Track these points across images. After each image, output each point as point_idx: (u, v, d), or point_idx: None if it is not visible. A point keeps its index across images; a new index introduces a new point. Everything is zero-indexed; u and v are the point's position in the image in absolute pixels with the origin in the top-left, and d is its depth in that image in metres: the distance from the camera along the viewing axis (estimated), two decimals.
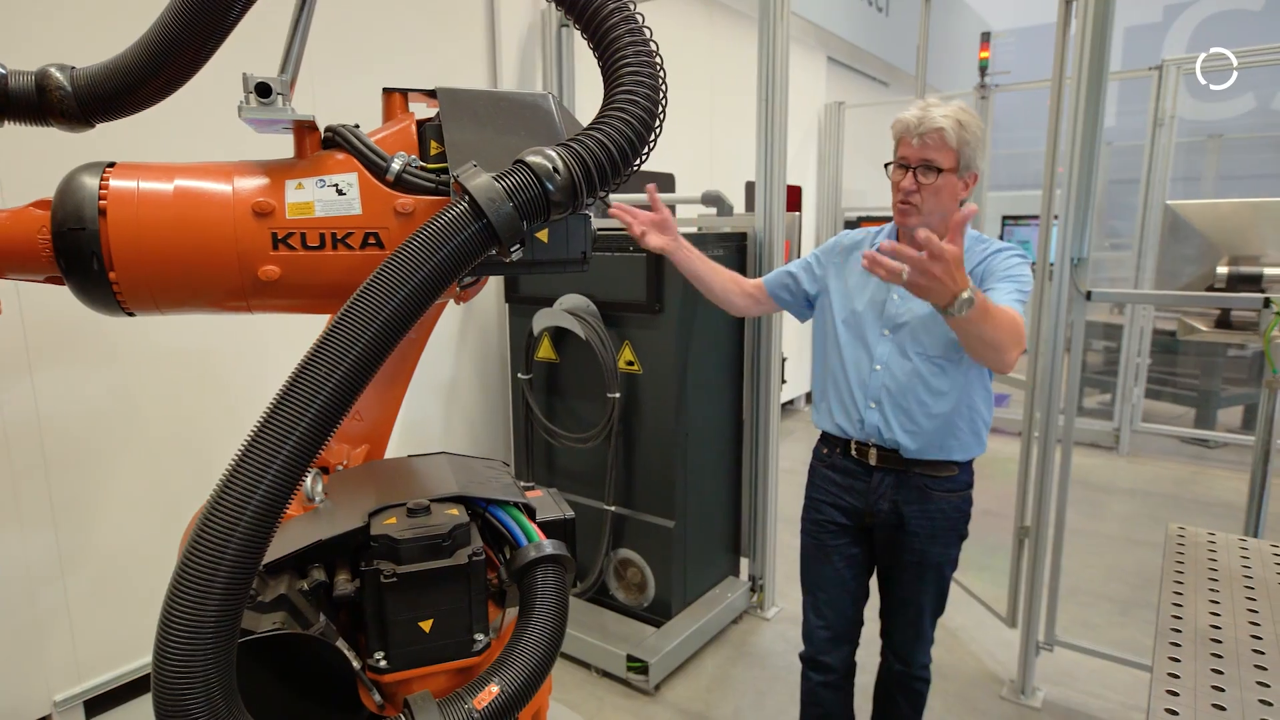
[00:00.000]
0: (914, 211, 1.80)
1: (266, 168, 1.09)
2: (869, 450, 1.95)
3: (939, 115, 1.74)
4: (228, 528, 0.82)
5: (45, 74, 1.03)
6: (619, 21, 1.00)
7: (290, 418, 0.84)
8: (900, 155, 1.82)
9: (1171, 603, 1.30)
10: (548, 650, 1.10)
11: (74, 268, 1.00)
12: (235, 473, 0.84)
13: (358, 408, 1.42)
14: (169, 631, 0.80)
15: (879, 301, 1.94)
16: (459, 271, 0.92)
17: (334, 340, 0.87)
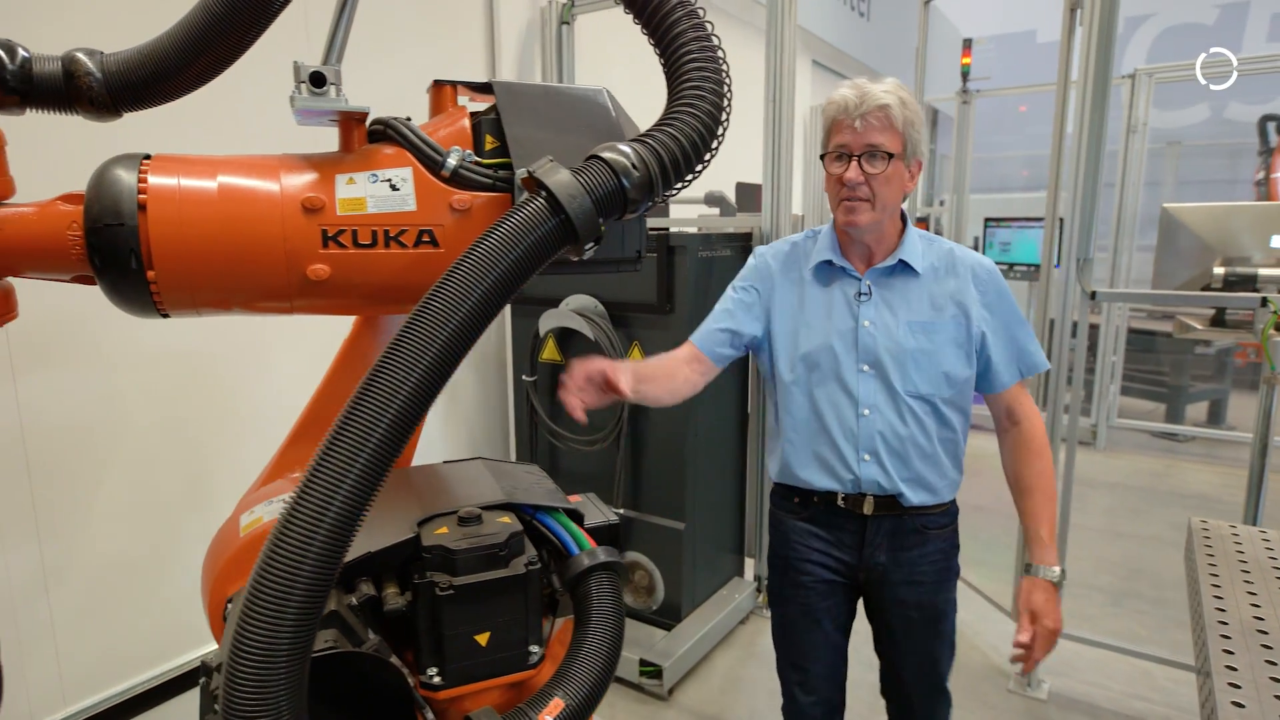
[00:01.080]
0: (863, 208, 1.55)
1: (313, 161, 1.04)
2: (863, 500, 1.67)
3: (880, 92, 1.51)
4: (301, 547, 0.76)
5: (73, 59, 0.97)
6: (682, 16, 0.97)
7: (365, 426, 0.79)
8: (838, 143, 1.55)
9: (1214, 595, 1.31)
10: (609, 659, 1.07)
11: (109, 265, 0.94)
12: (308, 488, 0.78)
13: None
14: (240, 659, 0.75)
15: (846, 330, 1.65)
16: (535, 269, 0.88)
17: (409, 341, 0.82)
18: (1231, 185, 9.25)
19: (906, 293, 1.63)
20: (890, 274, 1.65)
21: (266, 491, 1.27)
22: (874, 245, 1.64)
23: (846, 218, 1.58)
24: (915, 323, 1.61)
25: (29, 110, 0.98)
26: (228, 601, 1.10)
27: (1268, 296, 2.09)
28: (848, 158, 1.54)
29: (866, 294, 1.64)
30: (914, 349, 1.60)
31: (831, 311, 1.66)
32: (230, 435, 2.48)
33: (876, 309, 1.63)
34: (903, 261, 1.63)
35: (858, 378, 1.63)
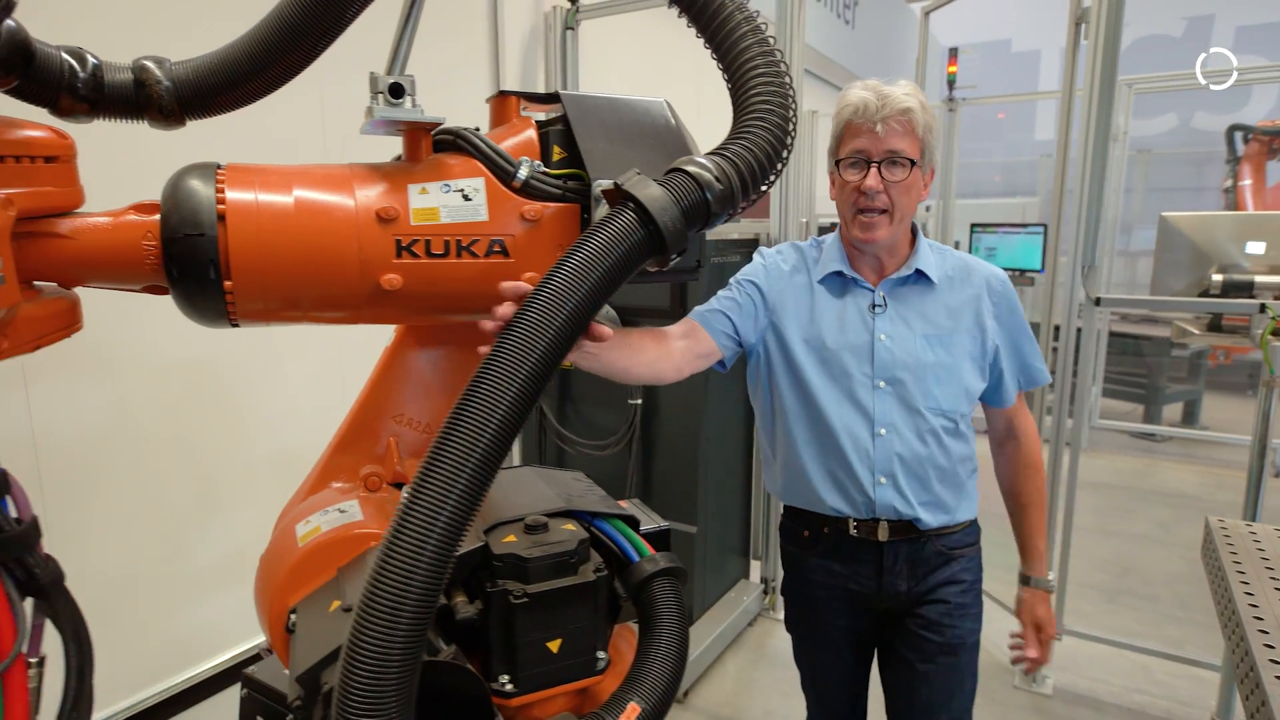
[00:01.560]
0: (881, 221, 1.45)
1: (383, 171, 1.04)
2: (877, 526, 1.56)
3: (902, 94, 1.41)
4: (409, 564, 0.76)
5: (143, 68, 0.97)
6: (747, 31, 0.99)
7: (470, 436, 0.80)
8: (854, 148, 1.44)
9: (1245, 592, 1.35)
10: (678, 664, 1.08)
11: (187, 275, 0.93)
12: (417, 500, 0.79)
13: (427, 420, 1.38)
14: (353, 678, 0.75)
15: (861, 344, 1.53)
16: (625, 278, 0.90)
17: (508, 350, 0.83)
18: (1198, 193, 9.51)
19: (922, 304, 1.54)
20: (904, 285, 1.56)
21: (317, 501, 1.27)
22: (885, 257, 1.56)
23: (864, 234, 1.48)
24: (932, 335, 1.52)
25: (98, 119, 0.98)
26: (291, 612, 1.10)
27: (1266, 303, 2.16)
28: (865, 164, 1.43)
29: (881, 306, 1.54)
30: (933, 363, 1.51)
31: (844, 324, 1.55)
32: (242, 444, 2.45)
33: (892, 322, 1.53)
34: (919, 272, 1.54)
35: (873, 395, 1.52)
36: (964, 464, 1.58)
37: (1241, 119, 7.61)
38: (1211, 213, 2.47)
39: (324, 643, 0.97)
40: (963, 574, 1.60)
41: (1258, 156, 7.07)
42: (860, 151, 1.44)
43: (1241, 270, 2.39)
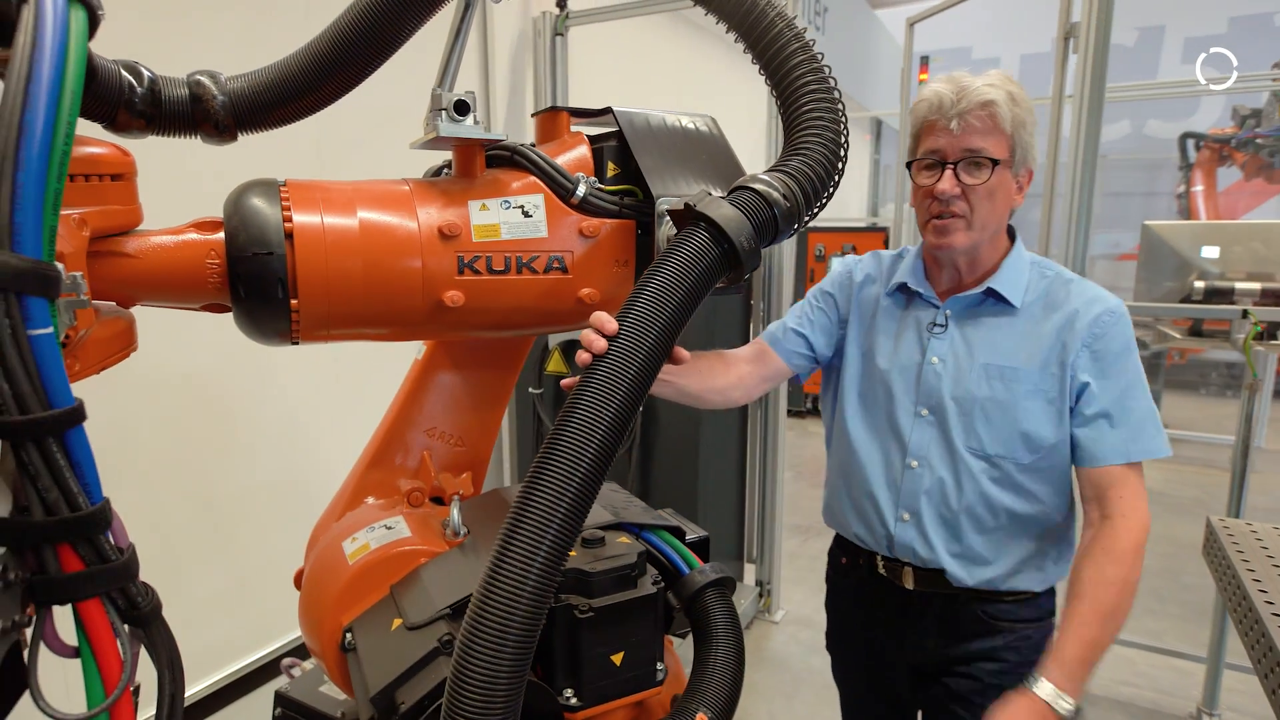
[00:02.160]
0: (959, 227, 1.28)
1: (441, 188, 1.04)
2: (902, 570, 1.41)
3: (983, 85, 1.24)
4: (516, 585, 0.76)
5: (199, 83, 0.96)
6: (797, 49, 1.00)
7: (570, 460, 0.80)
8: (929, 148, 1.28)
9: (1259, 590, 1.40)
10: (738, 672, 1.10)
11: (254, 293, 0.92)
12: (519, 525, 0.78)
13: (459, 434, 1.38)
14: (463, 693, 0.75)
15: (910, 365, 1.38)
16: (702, 299, 0.91)
17: (603, 374, 0.84)
18: (1151, 198, 9.84)
19: (994, 331, 1.33)
20: (977, 305, 1.36)
21: (357, 519, 1.25)
22: (964, 269, 1.36)
23: (938, 239, 1.31)
24: (994, 366, 1.31)
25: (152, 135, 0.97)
26: (346, 631, 1.09)
27: (1247, 309, 2.25)
28: (940, 166, 1.27)
29: (941, 326, 1.36)
30: (985, 398, 1.30)
31: (899, 342, 1.40)
32: (240, 460, 2.40)
33: (950, 345, 1.35)
34: (992, 291, 1.33)
35: (913, 422, 1.37)
36: (1020, 522, 1.33)
37: (1191, 126, 7.93)
38: (1193, 222, 2.57)
39: (394, 662, 0.97)
40: (1005, 651, 1.37)
41: (1209, 163, 7.37)
42: (935, 151, 1.28)
43: (1218, 277, 2.49)
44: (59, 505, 0.63)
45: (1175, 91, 8.98)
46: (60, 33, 0.62)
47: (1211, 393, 7.90)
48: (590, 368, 0.85)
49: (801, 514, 4.40)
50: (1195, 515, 4.47)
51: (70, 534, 0.64)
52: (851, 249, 6.30)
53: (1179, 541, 4.02)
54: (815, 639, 3.03)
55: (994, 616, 1.38)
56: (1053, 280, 1.35)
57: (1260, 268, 2.44)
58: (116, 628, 0.67)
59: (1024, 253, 1.38)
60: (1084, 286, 1.34)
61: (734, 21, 1.02)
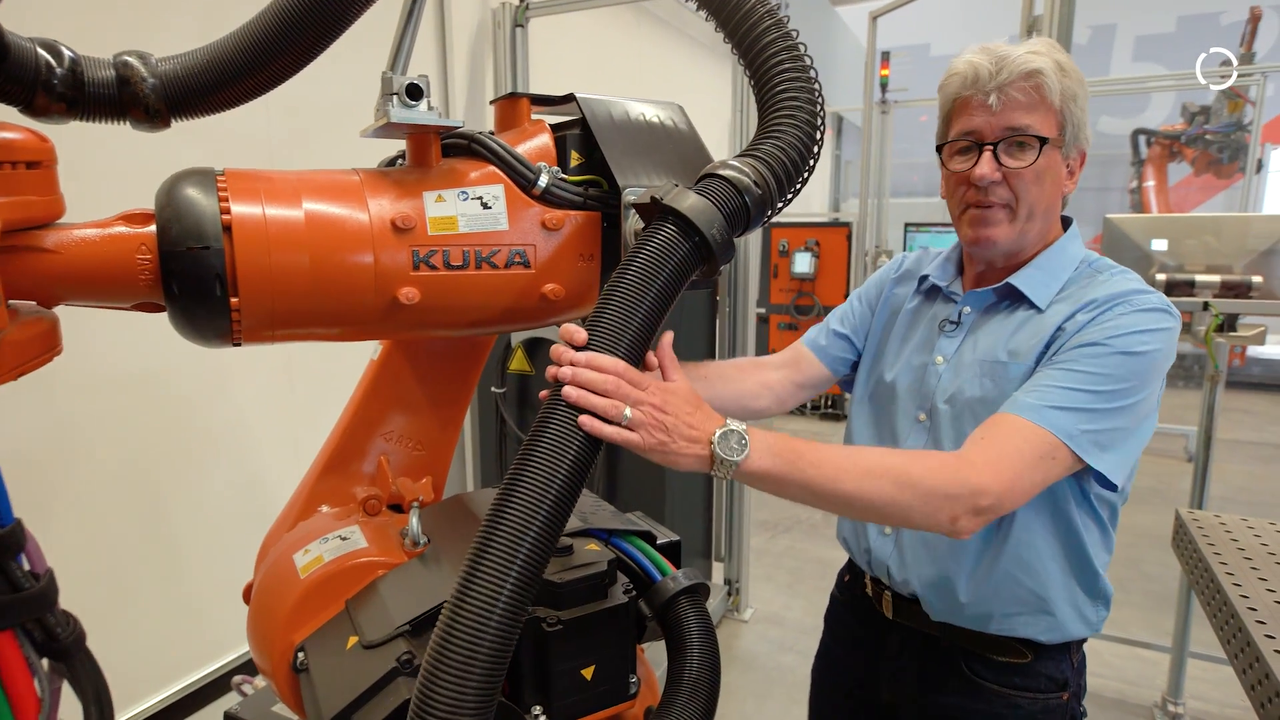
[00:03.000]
0: (1001, 218, 1.11)
1: (394, 178, 0.98)
2: (883, 594, 1.28)
3: (1027, 53, 1.06)
4: (486, 608, 0.71)
5: (125, 63, 0.88)
6: (770, 26, 0.96)
7: (546, 471, 0.75)
8: (963, 129, 1.11)
9: (1233, 583, 1.41)
10: (714, 684, 1.06)
11: (189, 291, 0.85)
12: (490, 542, 0.73)
13: (418, 437, 1.32)
14: None
15: (916, 366, 1.23)
16: (677, 295, 0.86)
17: None
18: (1104, 192, 10.07)
19: (1008, 331, 1.15)
20: (996, 303, 1.19)
21: (310, 529, 1.19)
22: (1001, 264, 1.19)
23: (976, 231, 1.13)
24: (988, 363, 1.14)
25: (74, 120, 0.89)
26: (298, 650, 1.02)
27: (1208, 301, 2.28)
28: (978, 148, 1.10)
29: (954, 323, 1.20)
30: (974, 399, 1.14)
31: (910, 342, 1.26)
32: (192, 464, 2.30)
33: (958, 344, 1.19)
34: (1011, 287, 1.15)
35: (911, 428, 1.22)
36: (1023, 557, 1.14)
37: (1142, 123, 8.11)
38: (1154, 215, 2.60)
39: (350, 684, 0.91)
40: (996, 718, 1.18)
41: (1160, 159, 7.55)
42: (971, 132, 1.10)
43: (1179, 270, 2.52)
44: None
45: (1127, 89, 9.18)
46: None
47: (1166, 383, 8.10)
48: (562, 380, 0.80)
49: (768, 509, 4.39)
50: (1153, 504, 4.56)
51: None
52: (815, 244, 6.33)
53: (1138, 531, 4.09)
54: (784, 637, 3.01)
55: (979, 675, 1.19)
56: (1097, 277, 1.13)
57: (1214, 260, 2.47)
58: (32, 663, 0.60)
59: (1074, 248, 1.17)
60: (1123, 278, 1.12)
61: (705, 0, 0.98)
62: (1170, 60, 9.63)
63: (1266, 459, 5.57)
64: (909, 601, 1.25)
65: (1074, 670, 1.22)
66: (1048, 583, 1.15)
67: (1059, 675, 1.20)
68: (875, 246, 5.78)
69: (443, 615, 0.73)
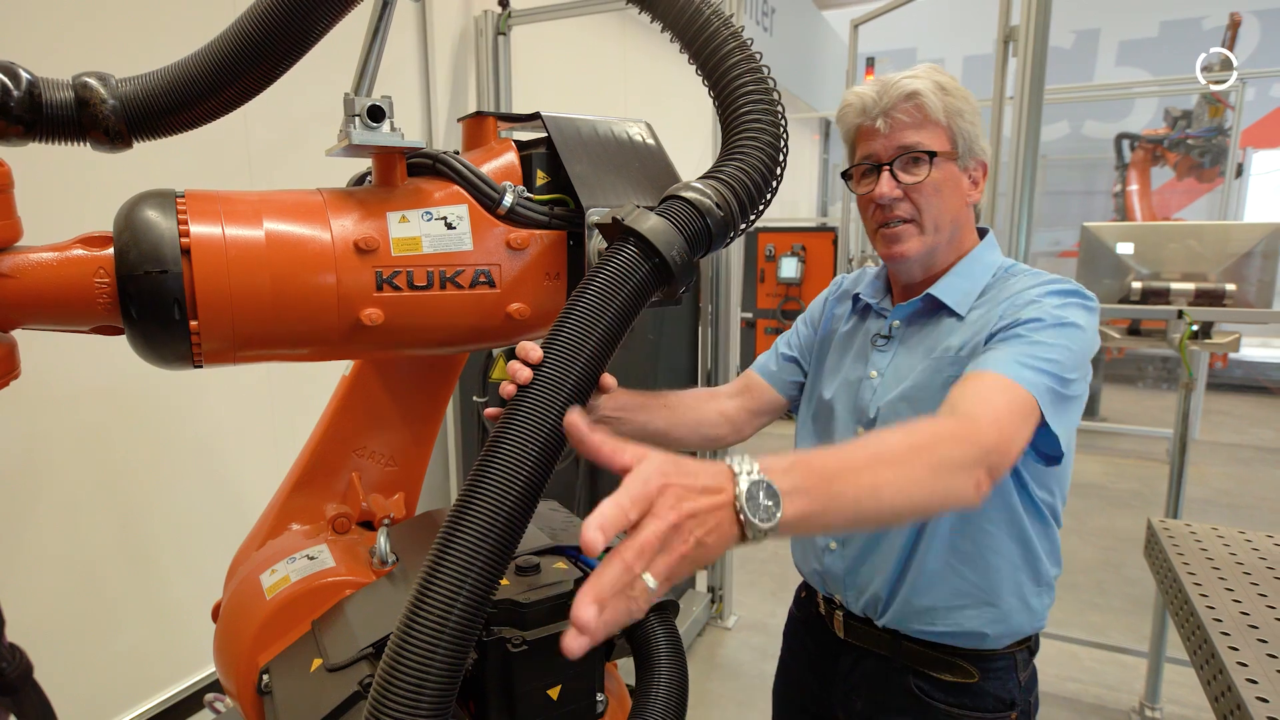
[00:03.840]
0: (910, 233, 1.16)
1: (358, 198, 0.98)
2: (834, 614, 1.30)
3: (905, 78, 1.14)
4: (435, 630, 0.71)
5: (85, 85, 0.88)
6: (734, 48, 0.96)
7: (497, 492, 0.75)
8: (863, 153, 1.19)
9: (1200, 594, 1.42)
10: (681, 698, 1.05)
11: (148, 315, 0.85)
12: (441, 564, 0.72)
13: (389, 453, 1.31)
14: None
15: (853, 381, 1.27)
16: (635, 317, 0.86)
17: (532, 402, 0.79)
18: (1089, 196, 10.14)
19: (935, 340, 1.19)
20: (920, 314, 1.23)
21: (278, 548, 1.18)
22: (921, 277, 1.24)
23: (889, 249, 1.19)
24: (923, 360, 1.20)
25: (32, 142, 0.88)
26: (263, 672, 1.02)
27: (1183, 309, 2.30)
28: (877, 170, 1.17)
29: (885, 337, 1.25)
30: (913, 386, 1.18)
31: (847, 358, 1.31)
32: (168, 478, 2.28)
33: (892, 358, 1.24)
34: (932, 298, 1.20)
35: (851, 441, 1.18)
36: (968, 555, 1.16)
37: (1126, 128, 8.19)
38: (1130, 223, 2.62)
39: (312, 708, 0.90)
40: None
41: (1143, 163, 7.62)
42: (869, 156, 1.18)
43: (1155, 277, 2.54)
44: None
45: (1111, 94, 9.27)
46: None
47: (1148, 386, 8.17)
48: (515, 399, 0.80)
49: None
50: (1134, 508, 4.60)
51: None
52: (801, 249, 6.35)
53: (1119, 534, 4.12)
54: (768, 644, 3.02)
55: (927, 694, 1.21)
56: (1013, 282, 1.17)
57: (1189, 268, 2.50)
58: None
59: (990, 255, 1.23)
60: (1038, 274, 1.17)
61: (669, 21, 0.98)
62: (1153, 65, 9.72)
63: (1247, 461, 5.61)
64: (859, 621, 1.27)
65: (1021, 689, 1.23)
66: (992, 572, 1.17)
67: (1006, 695, 1.22)
68: (861, 251, 5.79)
69: (388, 649, 0.72)
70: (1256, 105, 8.94)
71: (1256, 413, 7.06)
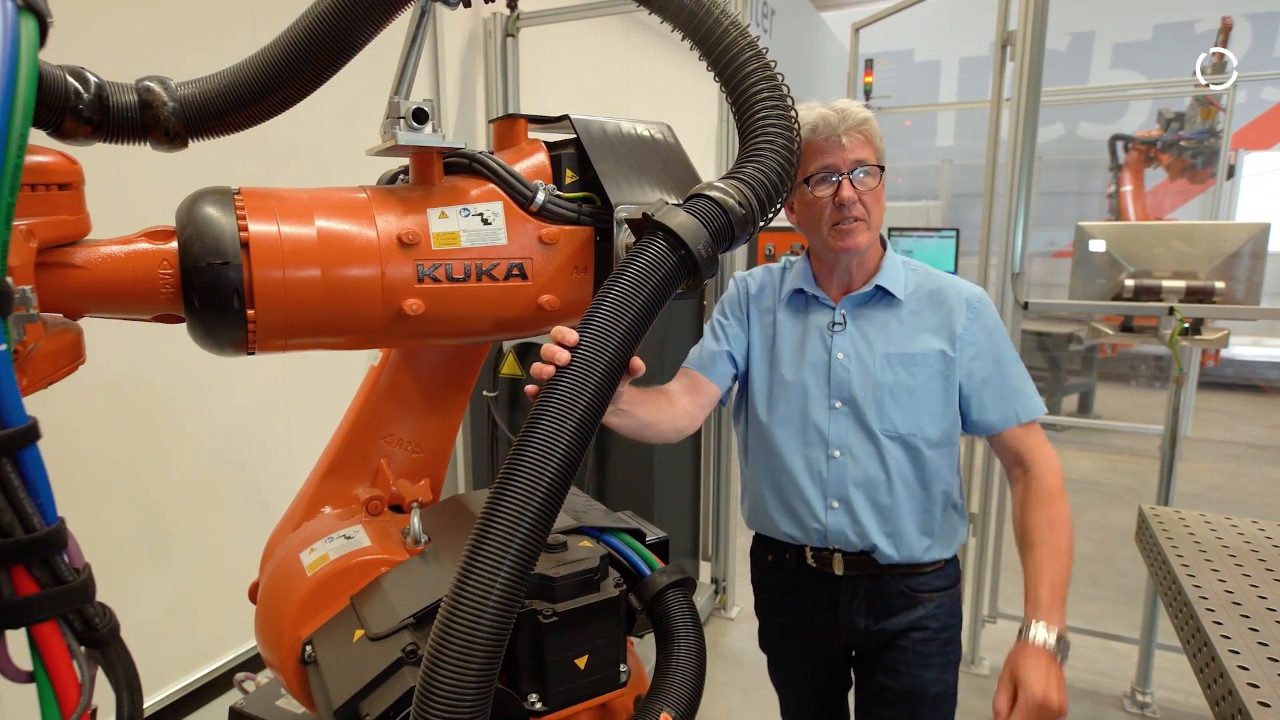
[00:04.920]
0: (860, 228, 1.42)
1: (399, 195, 1.04)
2: (832, 557, 1.53)
3: (857, 107, 1.43)
4: (483, 593, 0.77)
5: (148, 89, 0.94)
6: (750, 57, 1.02)
7: (535, 469, 0.81)
8: (822, 164, 1.41)
9: (1187, 575, 1.49)
10: (700, 671, 1.12)
11: (209, 304, 0.91)
12: (485, 537, 0.79)
13: (417, 440, 1.37)
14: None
15: (819, 363, 1.51)
16: (662, 306, 0.93)
17: (564, 385, 0.85)
18: (1083, 197, 10.22)
19: (885, 323, 1.49)
20: (867, 302, 1.51)
21: (315, 529, 1.24)
22: (855, 271, 1.52)
23: (844, 242, 1.43)
24: (893, 355, 1.47)
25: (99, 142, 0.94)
26: (305, 644, 1.08)
27: (1174, 306, 2.37)
28: (835, 177, 1.41)
29: (840, 324, 1.51)
30: (892, 384, 1.46)
31: (805, 344, 1.53)
32: (183, 469, 2.34)
33: (851, 340, 1.50)
34: (880, 288, 1.49)
35: (829, 415, 1.49)
36: (933, 494, 1.49)
37: (1120, 129, 8.27)
38: (1123, 223, 2.69)
39: (358, 674, 0.96)
40: (928, 620, 1.53)
41: (1137, 164, 7.70)
42: (829, 166, 1.41)
43: (1147, 275, 2.61)
44: (13, 527, 0.62)
45: (1105, 95, 9.35)
46: (11, 43, 0.61)
47: (1141, 384, 8.26)
48: (553, 379, 0.86)
49: None
50: (1128, 503, 4.68)
51: (25, 556, 0.62)
52: (801, 249, 6.40)
53: (1113, 528, 4.20)
54: None
55: (915, 589, 1.53)
56: (923, 275, 1.54)
57: (1184, 266, 2.57)
58: (73, 650, 0.65)
59: (895, 255, 1.56)
60: (953, 280, 1.54)
61: (689, 30, 1.04)
62: (1147, 67, 9.81)
63: (1238, 457, 5.70)
64: (859, 555, 1.52)
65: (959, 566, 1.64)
66: (949, 515, 1.54)
67: (956, 573, 1.60)
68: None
69: (445, 600, 0.78)
70: (1248, 108, 9.04)
71: (1247, 411, 7.16)
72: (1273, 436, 6.33)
